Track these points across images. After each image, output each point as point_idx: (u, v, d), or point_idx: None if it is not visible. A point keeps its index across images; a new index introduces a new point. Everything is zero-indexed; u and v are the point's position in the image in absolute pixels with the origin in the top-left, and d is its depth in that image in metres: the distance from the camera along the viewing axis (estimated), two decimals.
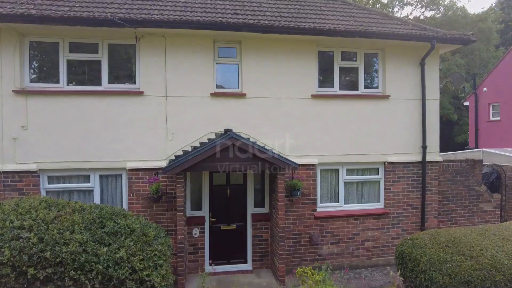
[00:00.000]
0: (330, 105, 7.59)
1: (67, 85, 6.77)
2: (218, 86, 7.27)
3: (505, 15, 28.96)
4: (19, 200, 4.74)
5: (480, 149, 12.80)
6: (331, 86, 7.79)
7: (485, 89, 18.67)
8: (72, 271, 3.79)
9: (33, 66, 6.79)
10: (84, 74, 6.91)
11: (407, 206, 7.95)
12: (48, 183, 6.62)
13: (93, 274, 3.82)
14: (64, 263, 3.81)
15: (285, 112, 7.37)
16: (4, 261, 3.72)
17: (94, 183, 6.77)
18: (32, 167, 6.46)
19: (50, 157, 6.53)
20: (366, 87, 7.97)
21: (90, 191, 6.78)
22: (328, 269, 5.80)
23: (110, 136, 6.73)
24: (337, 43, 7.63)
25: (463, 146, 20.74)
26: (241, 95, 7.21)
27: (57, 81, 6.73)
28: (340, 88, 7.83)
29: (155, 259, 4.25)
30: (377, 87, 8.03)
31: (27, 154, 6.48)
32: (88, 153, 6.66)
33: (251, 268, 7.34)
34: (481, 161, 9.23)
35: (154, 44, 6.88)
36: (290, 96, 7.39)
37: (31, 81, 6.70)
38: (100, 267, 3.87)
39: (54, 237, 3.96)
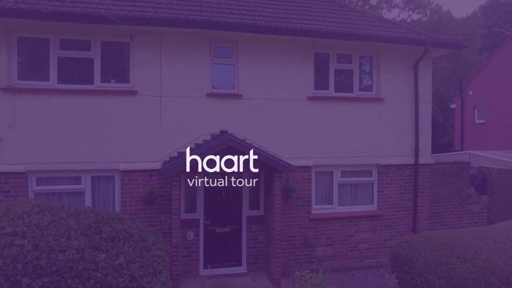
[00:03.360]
0: (326, 107, 7.61)
1: (58, 83, 6.53)
2: (214, 87, 7.17)
3: (488, 20, 29.80)
4: (10, 205, 4.52)
5: (467, 151, 13.13)
6: (327, 88, 7.80)
7: (470, 92, 19.17)
8: (69, 280, 3.65)
9: (21, 63, 6.51)
10: (75, 72, 6.67)
11: (399, 208, 8.06)
12: (37, 185, 6.37)
13: (91, 283, 3.68)
14: (61, 271, 3.66)
15: (281, 113, 7.33)
16: None
17: (86, 185, 6.56)
18: (20, 168, 6.19)
19: (39, 158, 6.28)
20: (361, 89, 8.03)
21: (81, 193, 6.57)
22: (326, 272, 5.82)
23: (102, 136, 6.53)
24: (333, 45, 7.64)
25: (448, 147, 21.25)
26: (237, 96, 7.13)
27: (47, 79, 6.47)
28: (335, 90, 7.85)
29: (154, 265, 4.14)
30: (371, 90, 8.09)
31: (14, 154, 6.21)
32: (79, 154, 6.44)
33: (245, 271, 7.28)
34: (469, 163, 9.44)
35: (149, 43, 6.72)
36: (286, 98, 7.36)
37: (19, 78, 6.42)
38: (99, 275, 3.73)
39: (49, 244, 3.79)
